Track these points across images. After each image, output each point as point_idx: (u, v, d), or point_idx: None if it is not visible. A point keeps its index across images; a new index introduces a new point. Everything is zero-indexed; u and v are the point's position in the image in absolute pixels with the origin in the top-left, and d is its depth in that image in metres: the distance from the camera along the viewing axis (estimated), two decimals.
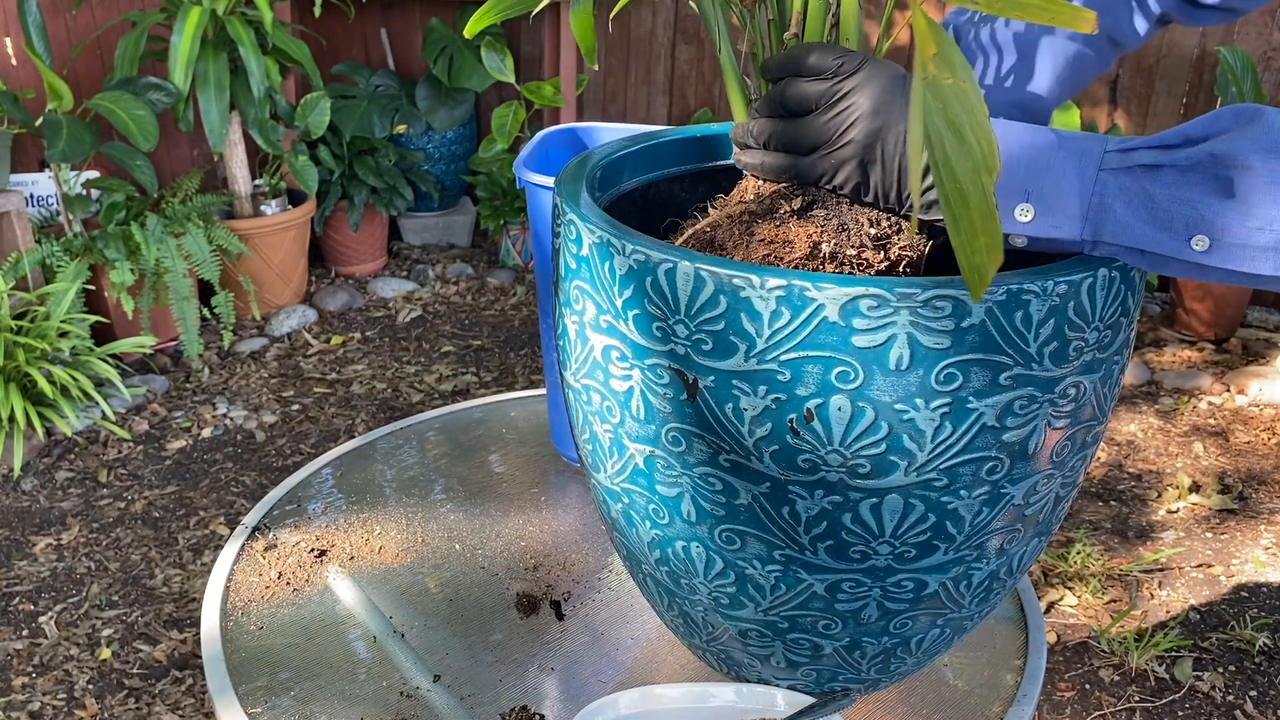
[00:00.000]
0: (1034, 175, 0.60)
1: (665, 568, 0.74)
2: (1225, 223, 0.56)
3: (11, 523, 2.21)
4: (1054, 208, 0.60)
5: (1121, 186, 0.59)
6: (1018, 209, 0.61)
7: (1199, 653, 1.91)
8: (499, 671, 0.87)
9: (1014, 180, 0.60)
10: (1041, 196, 0.60)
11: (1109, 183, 0.59)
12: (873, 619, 0.70)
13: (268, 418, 2.64)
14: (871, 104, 0.63)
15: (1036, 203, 0.60)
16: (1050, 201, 0.60)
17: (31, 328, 2.36)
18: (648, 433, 0.67)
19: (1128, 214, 0.59)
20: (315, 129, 3.08)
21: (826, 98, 0.65)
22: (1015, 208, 0.61)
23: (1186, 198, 0.57)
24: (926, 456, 0.61)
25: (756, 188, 0.72)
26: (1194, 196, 0.57)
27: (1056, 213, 0.60)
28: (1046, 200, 0.60)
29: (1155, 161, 0.58)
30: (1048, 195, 0.60)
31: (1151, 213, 0.58)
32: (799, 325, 0.58)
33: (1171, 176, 0.58)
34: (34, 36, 2.59)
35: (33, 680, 1.80)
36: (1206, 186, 0.57)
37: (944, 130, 0.51)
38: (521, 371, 2.91)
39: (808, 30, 0.68)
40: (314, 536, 1.04)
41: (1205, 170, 0.57)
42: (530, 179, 1.00)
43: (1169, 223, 0.58)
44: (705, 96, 3.60)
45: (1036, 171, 0.60)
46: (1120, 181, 0.59)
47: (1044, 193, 0.60)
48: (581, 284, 0.68)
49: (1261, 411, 2.69)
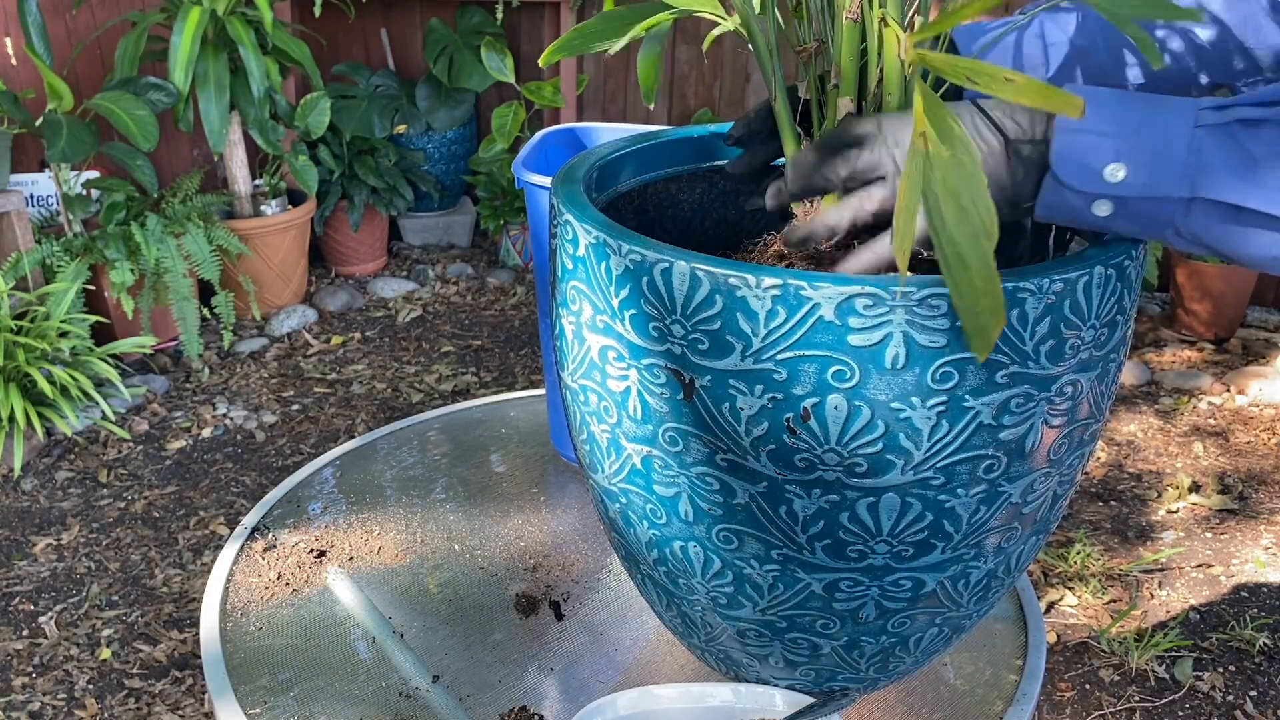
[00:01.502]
0: (1125, 134, 0.58)
1: (663, 568, 0.74)
2: None
3: (11, 523, 2.22)
4: (1147, 165, 0.58)
5: (1218, 143, 0.57)
6: (1107, 170, 0.58)
7: (1199, 653, 1.91)
8: (498, 672, 0.87)
9: (1103, 141, 0.58)
10: (1134, 155, 0.58)
11: (1205, 140, 0.57)
12: (871, 618, 0.70)
13: (268, 418, 2.64)
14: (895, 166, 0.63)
15: (1129, 161, 0.58)
16: (1143, 159, 0.58)
17: (31, 328, 2.36)
18: (645, 433, 0.67)
19: (1226, 170, 0.57)
20: (315, 129, 3.08)
21: (860, 177, 0.65)
22: (1104, 168, 0.58)
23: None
24: (923, 455, 0.61)
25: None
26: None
27: (1151, 169, 0.58)
28: (1139, 158, 0.58)
29: (1256, 117, 0.56)
30: (1140, 153, 0.58)
31: (1253, 169, 0.56)
32: (795, 324, 0.58)
33: (1272, 132, 0.56)
34: (34, 36, 2.60)
35: (33, 680, 1.80)
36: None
37: (942, 198, 0.51)
38: (521, 371, 2.91)
39: (844, 81, 0.68)
40: (313, 537, 1.04)
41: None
42: (529, 179, 1.00)
43: (1269, 179, 0.56)
44: (705, 96, 3.60)
45: (1127, 131, 0.58)
46: (1217, 138, 0.57)
47: (1136, 151, 0.58)
48: (578, 284, 0.68)
49: (1261, 411, 2.69)
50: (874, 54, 0.66)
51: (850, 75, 0.67)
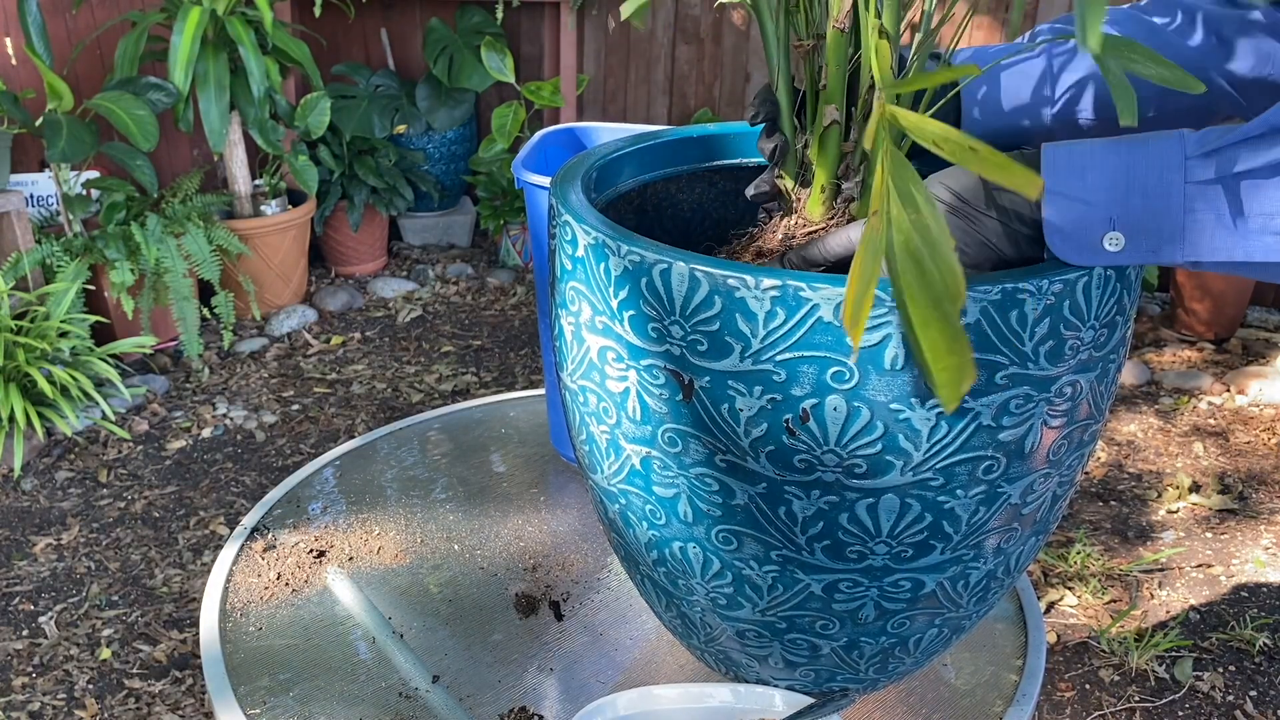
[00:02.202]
0: (1117, 199, 0.56)
1: (663, 568, 0.74)
2: None
3: (11, 523, 2.22)
4: (1145, 231, 0.56)
5: (1212, 198, 0.55)
6: (1106, 239, 0.57)
7: (1199, 653, 1.91)
8: (498, 672, 0.87)
9: (1097, 210, 0.57)
10: (1128, 222, 0.56)
11: (1197, 197, 0.55)
12: (870, 619, 0.70)
13: (268, 418, 2.64)
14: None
15: (1124, 229, 0.56)
16: (1140, 225, 0.56)
17: (31, 328, 2.36)
18: (644, 433, 0.67)
19: (1219, 229, 0.55)
20: (315, 129, 3.08)
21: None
22: (1104, 237, 0.57)
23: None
24: (922, 456, 0.61)
25: (787, 227, 0.72)
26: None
27: (1149, 236, 0.56)
28: (1135, 225, 0.56)
29: (1246, 167, 0.54)
30: (1135, 218, 0.56)
31: (1244, 225, 0.54)
32: (794, 325, 0.58)
33: (1266, 177, 0.54)
34: (34, 36, 2.59)
35: (33, 680, 1.80)
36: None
37: (903, 260, 0.51)
38: (521, 371, 2.91)
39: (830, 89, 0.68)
40: (313, 537, 1.04)
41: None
42: (529, 179, 1.00)
43: (1267, 226, 0.54)
44: (705, 96, 3.60)
45: (1119, 195, 0.56)
46: (1209, 193, 0.55)
47: (1130, 217, 0.56)
48: (577, 285, 0.68)
49: (1261, 411, 2.69)
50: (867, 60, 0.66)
51: (836, 84, 0.67)
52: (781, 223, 0.73)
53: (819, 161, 0.70)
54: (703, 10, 3.49)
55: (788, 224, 0.73)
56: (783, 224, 0.73)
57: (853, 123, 0.69)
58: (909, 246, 0.51)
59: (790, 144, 0.73)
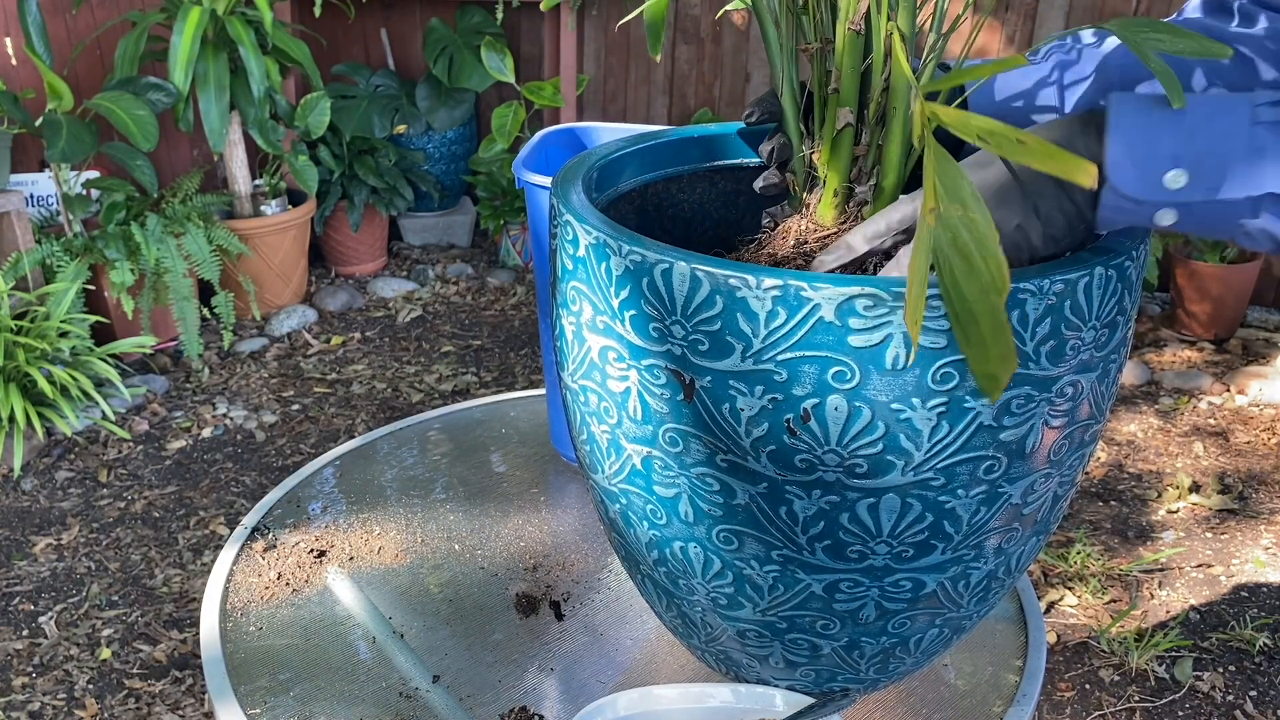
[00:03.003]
0: (1182, 139, 0.57)
1: (663, 568, 0.74)
2: None
3: (11, 523, 2.22)
4: (1210, 167, 0.56)
5: (1279, 138, 0.55)
6: (1167, 176, 0.57)
7: (1199, 653, 1.91)
8: (498, 672, 0.87)
9: (1160, 148, 0.57)
10: (1193, 158, 0.57)
11: (1265, 136, 0.56)
12: (871, 619, 0.70)
13: (268, 418, 2.64)
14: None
15: (1189, 165, 0.57)
16: (1204, 161, 0.56)
17: (31, 328, 2.36)
18: (645, 433, 0.67)
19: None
20: (315, 129, 3.08)
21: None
22: (1164, 175, 0.57)
23: None
24: (923, 456, 0.61)
25: (799, 231, 0.72)
26: None
27: (1214, 172, 0.56)
28: (1200, 161, 0.57)
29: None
30: (1200, 158, 0.56)
31: None
32: (795, 325, 0.58)
33: None
34: (34, 36, 2.59)
35: (33, 680, 1.80)
36: None
37: (952, 256, 0.52)
38: (521, 371, 2.91)
39: (844, 92, 0.68)
40: (313, 537, 1.04)
41: None
42: (529, 179, 1.00)
43: None
44: (705, 96, 3.60)
45: (1184, 135, 0.57)
46: (1277, 133, 0.55)
47: (1196, 156, 0.57)
48: (578, 285, 0.68)
49: (1261, 411, 2.69)
50: (878, 63, 0.66)
51: (850, 86, 0.67)
52: (793, 228, 0.73)
53: (831, 165, 0.70)
54: (703, 10, 3.49)
55: (799, 229, 0.72)
56: (794, 229, 0.73)
57: (864, 126, 0.69)
58: (957, 242, 0.51)
59: (796, 148, 0.73)
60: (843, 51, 0.66)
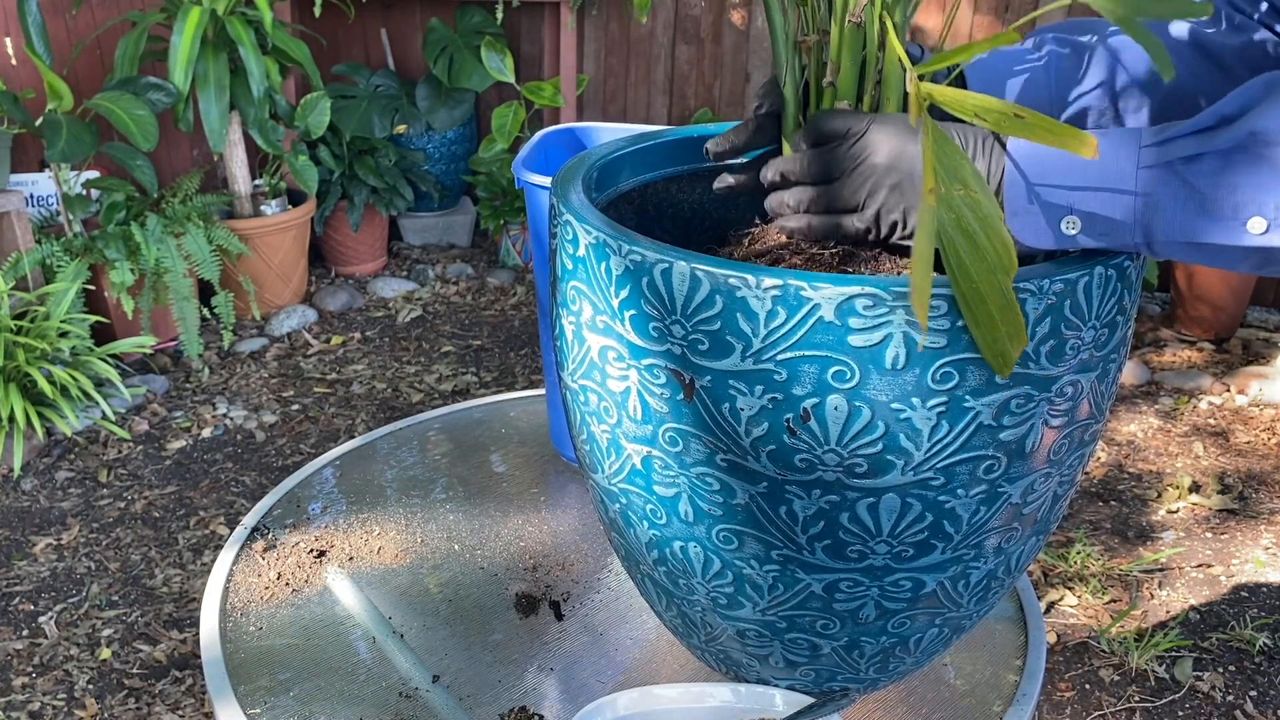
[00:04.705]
0: (1073, 184, 0.59)
1: (663, 568, 0.74)
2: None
3: (11, 523, 2.22)
4: (1099, 216, 0.59)
5: (1163, 183, 0.57)
6: (1063, 222, 0.59)
7: (1199, 653, 1.91)
8: (498, 672, 0.87)
9: (1057, 194, 0.59)
10: (1084, 207, 0.59)
11: (1150, 181, 0.57)
12: (871, 618, 0.70)
13: (268, 418, 2.64)
14: (886, 161, 0.63)
15: (1080, 214, 0.59)
16: (1094, 210, 0.59)
17: (31, 328, 2.36)
18: (645, 433, 0.67)
19: (1175, 210, 0.57)
20: (315, 129, 3.08)
21: (847, 163, 0.65)
22: (1061, 220, 0.60)
23: (1233, 183, 0.55)
24: (923, 456, 0.61)
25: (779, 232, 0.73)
26: (1240, 180, 0.55)
27: (1102, 220, 0.59)
28: (1090, 209, 0.59)
29: (1195, 151, 0.56)
30: (1090, 204, 0.59)
31: (1200, 204, 0.56)
32: (795, 325, 0.58)
33: (1213, 164, 0.56)
34: (34, 36, 2.59)
35: (33, 680, 1.80)
36: (1252, 167, 0.54)
37: (957, 237, 0.52)
38: (521, 371, 2.91)
39: (841, 84, 0.68)
40: (313, 537, 1.04)
41: (1248, 151, 0.54)
42: (529, 179, 1.00)
43: (1219, 211, 0.56)
44: (705, 96, 3.60)
45: (1073, 179, 0.59)
46: (1161, 178, 0.57)
47: (1086, 202, 0.59)
48: (578, 284, 0.68)
49: (1261, 411, 2.69)
50: (872, 55, 0.66)
51: (849, 78, 0.67)
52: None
53: None
54: (703, 10, 3.49)
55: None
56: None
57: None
58: (962, 223, 0.51)
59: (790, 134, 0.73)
60: (840, 45, 0.66)
